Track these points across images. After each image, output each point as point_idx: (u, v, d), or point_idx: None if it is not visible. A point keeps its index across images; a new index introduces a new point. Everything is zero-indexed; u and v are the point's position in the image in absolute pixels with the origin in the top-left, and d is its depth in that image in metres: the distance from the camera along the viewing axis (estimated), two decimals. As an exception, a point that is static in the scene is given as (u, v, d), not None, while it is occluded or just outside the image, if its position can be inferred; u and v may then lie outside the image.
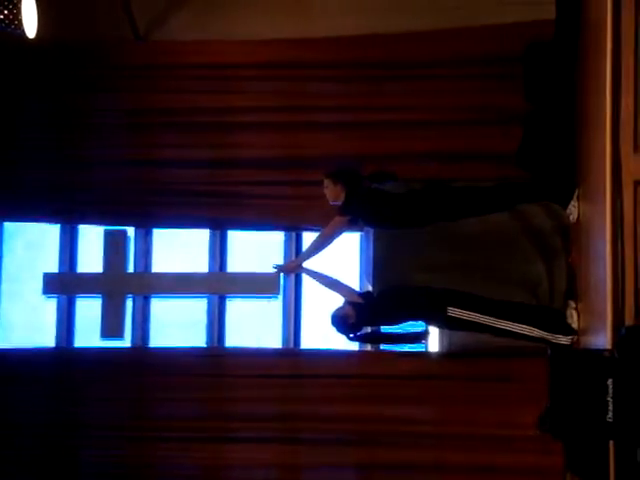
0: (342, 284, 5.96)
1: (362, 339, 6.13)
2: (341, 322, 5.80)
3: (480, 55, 6.32)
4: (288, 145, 6.54)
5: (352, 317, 5.77)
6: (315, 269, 6.05)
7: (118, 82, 6.65)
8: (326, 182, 5.92)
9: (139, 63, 6.65)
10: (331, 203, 5.93)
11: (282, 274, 6.47)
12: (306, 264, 6.03)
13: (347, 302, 5.81)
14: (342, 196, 5.86)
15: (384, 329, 6.20)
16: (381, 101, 6.46)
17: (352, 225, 5.92)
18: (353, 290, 6.01)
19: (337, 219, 5.83)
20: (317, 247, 5.94)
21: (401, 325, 6.03)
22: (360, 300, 5.80)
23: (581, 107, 5.57)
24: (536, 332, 5.52)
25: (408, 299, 5.67)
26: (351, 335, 5.88)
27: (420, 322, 6.13)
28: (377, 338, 6.24)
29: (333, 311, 5.82)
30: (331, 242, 5.91)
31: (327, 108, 6.50)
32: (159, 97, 6.63)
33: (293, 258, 6.56)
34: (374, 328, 6.18)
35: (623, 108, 4.45)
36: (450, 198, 5.78)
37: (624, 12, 4.47)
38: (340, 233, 5.92)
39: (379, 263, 5.84)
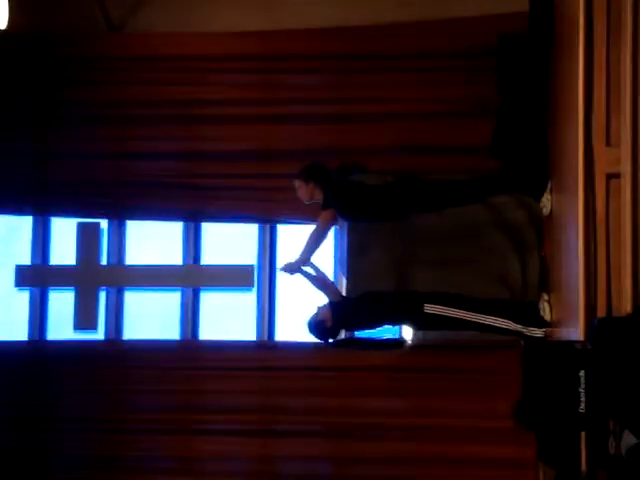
0: (333, 285, 6.03)
1: (339, 344, 6.11)
2: (318, 327, 5.83)
3: (452, 47, 6.32)
4: (261, 137, 6.53)
5: (329, 321, 5.79)
6: (317, 267, 6.03)
7: (91, 74, 6.60)
8: (297, 183, 5.93)
9: (112, 55, 6.60)
10: (306, 203, 5.94)
11: (284, 273, 6.32)
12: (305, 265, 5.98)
13: (322, 307, 5.83)
14: (317, 193, 5.88)
15: (360, 334, 6.22)
16: (354, 93, 6.46)
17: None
18: (339, 292, 6.04)
19: (324, 213, 5.83)
20: (314, 244, 5.89)
21: (377, 331, 6.06)
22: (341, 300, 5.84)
23: (554, 100, 5.60)
24: (510, 325, 5.55)
25: (384, 300, 5.69)
26: (329, 340, 5.90)
27: (396, 326, 6.16)
28: (353, 343, 6.22)
29: (309, 318, 5.84)
30: (325, 237, 5.93)
31: (300, 100, 6.49)
32: (132, 89, 6.59)
33: (292, 259, 6.43)
34: (349, 334, 6.20)
35: (596, 101, 4.49)
36: (424, 190, 5.80)
37: (596, 5, 4.50)
38: (331, 226, 5.93)
39: (353, 256, 5.85)
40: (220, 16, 6.64)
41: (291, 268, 6.00)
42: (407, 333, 6.24)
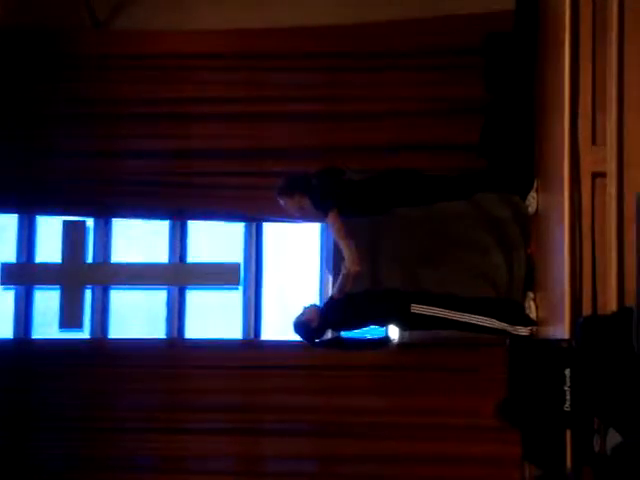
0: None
1: (325, 345, 6.10)
2: (304, 328, 5.82)
3: (441, 46, 6.32)
4: (248, 136, 6.51)
5: (315, 321, 5.78)
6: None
7: (75, 71, 6.57)
8: (282, 200, 5.82)
9: (97, 52, 6.57)
10: (299, 216, 5.91)
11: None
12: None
13: (308, 306, 5.83)
14: (304, 202, 5.77)
15: (346, 335, 6.21)
16: (343, 92, 6.45)
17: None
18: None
19: (330, 216, 5.73)
20: (347, 243, 5.72)
21: (362, 330, 6.06)
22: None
23: (540, 99, 5.61)
24: (496, 324, 5.56)
25: (371, 300, 5.69)
26: (315, 340, 5.90)
27: (383, 327, 6.15)
28: (339, 344, 6.21)
29: (295, 318, 5.83)
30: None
31: (289, 99, 6.48)
32: (118, 87, 6.57)
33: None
34: (335, 334, 6.20)
35: (582, 101, 4.50)
36: (409, 184, 5.80)
37: (582, 4, 4.51)
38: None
39: (340, 253, 5.84)
40: (206, 14, 6.62)
41: None
42: (393, 332, 6.24)
